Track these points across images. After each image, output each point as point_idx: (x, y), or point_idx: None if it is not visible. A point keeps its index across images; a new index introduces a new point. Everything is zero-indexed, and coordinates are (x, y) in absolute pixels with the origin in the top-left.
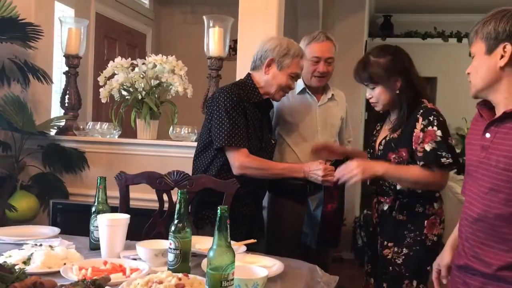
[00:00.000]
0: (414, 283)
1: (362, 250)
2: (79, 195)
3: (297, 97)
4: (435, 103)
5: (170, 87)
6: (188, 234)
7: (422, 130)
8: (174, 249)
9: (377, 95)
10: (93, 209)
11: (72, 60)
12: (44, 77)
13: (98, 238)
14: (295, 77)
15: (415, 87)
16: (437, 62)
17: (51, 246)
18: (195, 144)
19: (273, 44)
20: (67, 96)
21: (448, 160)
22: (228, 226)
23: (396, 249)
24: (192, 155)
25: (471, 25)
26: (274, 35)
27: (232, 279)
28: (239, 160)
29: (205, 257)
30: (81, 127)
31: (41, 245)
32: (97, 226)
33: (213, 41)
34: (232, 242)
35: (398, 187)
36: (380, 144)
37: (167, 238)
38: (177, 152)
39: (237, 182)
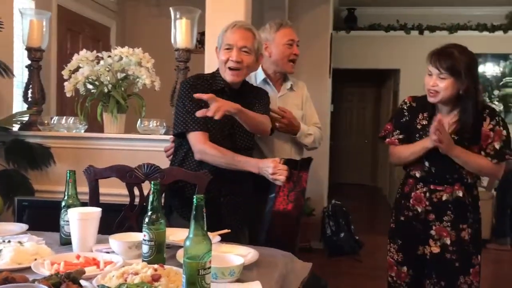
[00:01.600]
0: (479, 257)
1: (331, 240)
2: (46, 192)
3: None
4: (398, 94)
5: (137, 79)
6: (162, 226)
7: (492, 129)
8: (148, 241)
9: (444, 86)
10: (63, 203)
11: (34, 53)
12: (6, 70)
13: (69, 233)
14: (229, 48)
15: (478, 92)
16: (400, 54)
17: (20, 242)
18: (164, 137)
19: None
20: (30, 91)
21: (510, 157)
22: (205, 215)
23: (469, 230)
24: (161, 149)
25: (433, 17)
26: None
27: (209, 268)
28: (199, 145)
29: (179, 249)
30: (46, 122)
31: (9, 241)
32: (67, 221)
33: (181, 33)
34: None
35: (469, 181)
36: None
37: (138, 232)
38: (146, 145)
39: (209, 173)
